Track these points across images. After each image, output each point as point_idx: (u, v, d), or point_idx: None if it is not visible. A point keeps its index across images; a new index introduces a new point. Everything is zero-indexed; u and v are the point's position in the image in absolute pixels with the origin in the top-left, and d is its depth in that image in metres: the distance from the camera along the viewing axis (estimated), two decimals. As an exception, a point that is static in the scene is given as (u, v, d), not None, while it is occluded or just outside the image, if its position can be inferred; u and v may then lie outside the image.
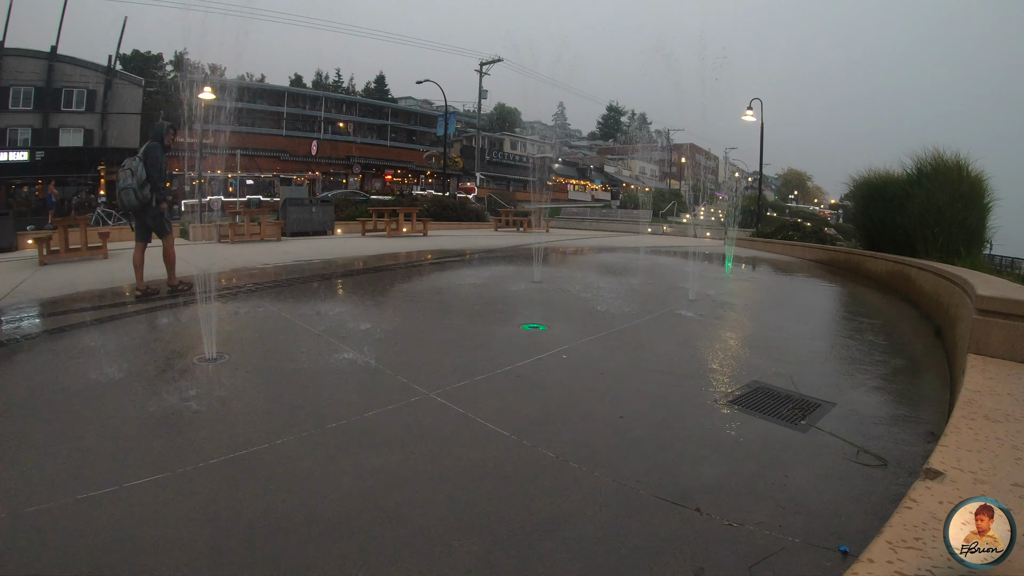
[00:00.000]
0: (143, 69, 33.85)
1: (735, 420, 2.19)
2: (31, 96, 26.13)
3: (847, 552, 1.33)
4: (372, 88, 48.18)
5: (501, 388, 2.49)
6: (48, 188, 22.89)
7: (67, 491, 1.59)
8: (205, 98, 3.22)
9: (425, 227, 13.30)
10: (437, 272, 6.59)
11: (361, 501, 1.56)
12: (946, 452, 1.29)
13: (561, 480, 1.70)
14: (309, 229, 12.73)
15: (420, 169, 39.27)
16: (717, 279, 6.29)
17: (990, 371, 2.02)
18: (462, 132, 44.85)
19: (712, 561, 1.31)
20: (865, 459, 1.84)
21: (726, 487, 1.66)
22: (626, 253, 9.25)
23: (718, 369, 2.88)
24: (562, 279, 5.77)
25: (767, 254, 10.30)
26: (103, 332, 3.51)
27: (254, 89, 37.46)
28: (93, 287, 5.26)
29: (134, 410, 2.21)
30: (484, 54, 35.38)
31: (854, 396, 2.48)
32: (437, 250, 9.09)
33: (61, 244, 7.74)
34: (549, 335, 3.42)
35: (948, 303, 3.60)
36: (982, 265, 5.99)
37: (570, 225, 23.72)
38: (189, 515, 1.49)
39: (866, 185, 8.03)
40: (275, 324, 3.69)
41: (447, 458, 1.83)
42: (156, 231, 4.82)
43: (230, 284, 5.39)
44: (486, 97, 38.09)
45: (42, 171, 24.84)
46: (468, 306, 4.36)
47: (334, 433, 2.00)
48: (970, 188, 6.47)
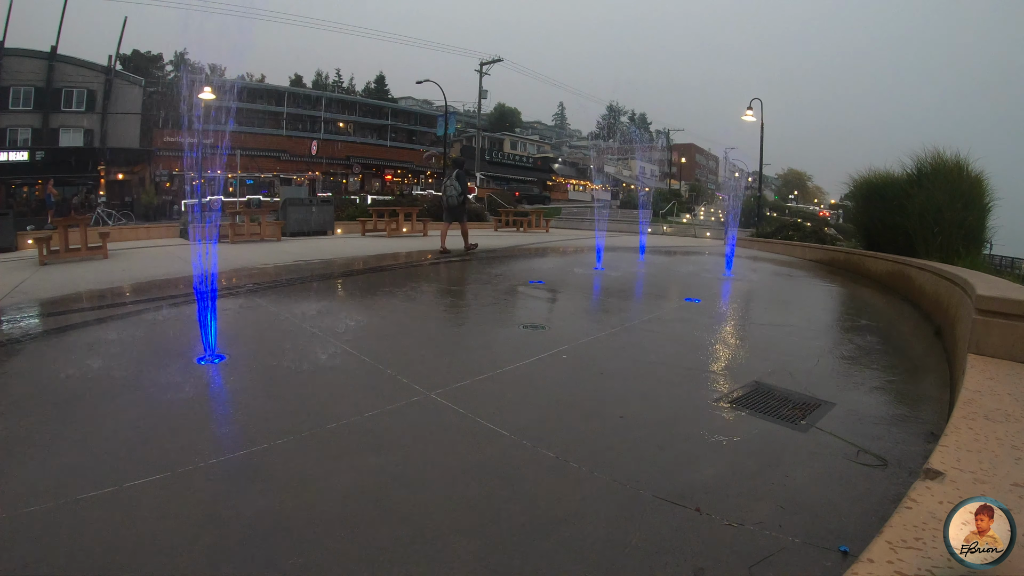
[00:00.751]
0: (143, 69, 33.84)
1: (735, 420, 2.19)
2: (31, 96, 26.12)
3: (847, 552, 1.33)
4: (372, 88, 48.17)
5: (501, 388, 2.49)
6: (48, 188, 22.88)
7: (67, 491, 1.58)
8: (205, 98, 3.24)
9: (425, 227, 13.29)
10: (437, 272, 6.59)
11: (361, 501, 1.56)
12: (946, 452, 1.29)
13: (561, 480, 1.70)
14: (309, 229, 12.73)
15: (420, 169, 39.26)
16: (717, 279, 6.29)
17: (990, 371, 2.02)
18: (462, 132, 44.85)
19: (712, 561, 1.31)
20: (865, 459, 1.84)
21: (726, 487, 1.66)
22: (625, 253, 9.25)
23: (718, 369, 2.88)
24: (562, 279, 5.77)
25: (767, 254, 10.30)
26: (103, 332, 3.51)
27: (254, 89, 37.44)
28: (93, 287, 5.26)
29: (134, 410, 2.21)
30: (484, 54, 35.39)
31: (854, 396, 2.48)
32: (437, 250, 9.08)
33: (61, 244, 7.73)
34: (549, 335, 3.42)
35: (948, 303, 3.60)
36: (982, 265, 6.00)
37: (570, 225, 23.70)
38: (189, 515, 1.49)
39: (866, 185, 8.03)
40: (274, 324, 3.69)
41: (447, 458, 1.83)
42: (459, 220, 8.41)
43: (230, 284, 5.39)
44: (486, 97, 38.08)
45: (42, 171, 24.82)
46: (468, 306, 4.36)
47: (334, 433, 2.00)
48: (970, 188, 6.47)
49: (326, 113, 38.74)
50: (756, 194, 23.53)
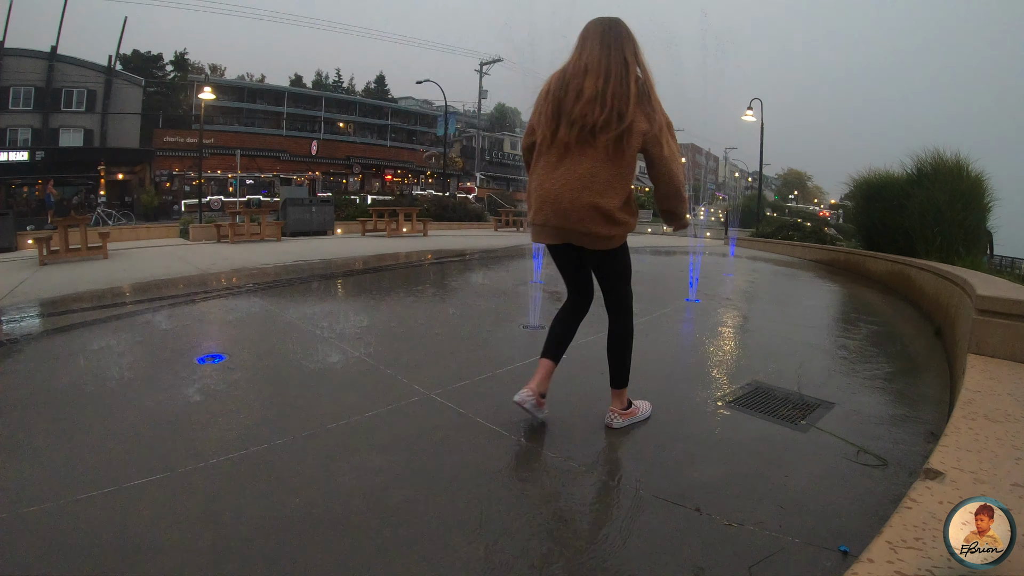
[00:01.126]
0: (143, 69, 33.85)
1: (735, 420, 2.19)
2: (31, 96, 26.13)
3: (847, 552, 1.33)
4: (372, 88, 48.19)
5: (502, 388, 2.49)
6: (48, 188, 22.89)
7: (67, 491, 1.59)
8: (205, 98, 3.24)
9: (425, 227, 13.30)
10: (437, 272, 6.59)
11: (361, 501, 1.56)
12: (946, 452, 1.29)
13: (561, 480, 1.70)
14: (309, 229, 12.73)
15: (420, 169, 39.27)
16: (717, 279, 6.29)
17: (990, 371, 2.02)
18: (462, 132, 44.84)
19: (712, 561, 1.31)
20: (865, 459, 1.84)
21: (726, 487, 1.66)
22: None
23: (718, 369, 2.88)
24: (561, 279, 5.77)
25: (767, 254, 10.30)
26: (103, 332, 3.51)
27: (254, 89, 37.46)
28: (94, 287, 5.26)
29: (134, 409, 2.21)
30: (484, 54, 35.38)
31: (854, 396, 2.48)
32: (437, 250, 9.09)
33: (61, 244, 7.74)
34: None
35: (948, 303, 3.60)
36: (982, 265, 6.00)
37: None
38: (189, 515, 1.49)
39: (866, 185, 8.03)
40: (274, 324, 3.69)
41: (447, 458, 1.83)
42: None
43: (230, 284, 5.39)
44: (486, 97, 38.11)
45: (42, 171, 24.83)
46: (468, 306, 4.36)
47: (334, 433, 2.00)
48: (970, 188, 6.48)
49: (326, 113, 38.76)
50: (756, 194, 23.54)
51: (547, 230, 1.90)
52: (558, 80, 1.87)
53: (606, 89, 1.76)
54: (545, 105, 1.87)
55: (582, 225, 1.80)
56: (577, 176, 1.79)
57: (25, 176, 25.30)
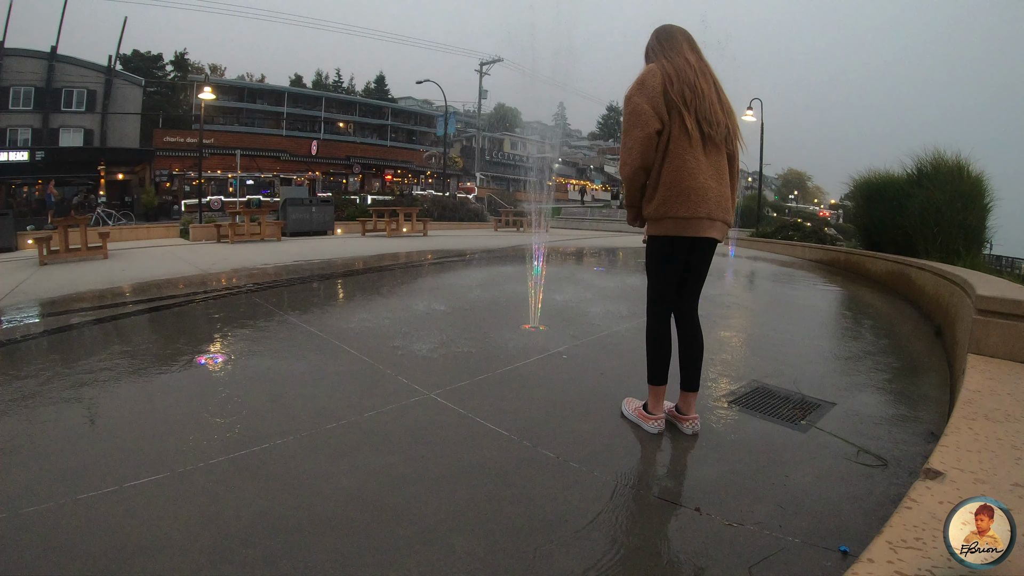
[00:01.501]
0: (143, 69, 33.87)
1: (735, 420, 2.19)
2: (31, 96, 26.14)
3: (847, 552, 1.33)
4: (372, 88, 48.20)
5: (501, 388, 2.49)
6: (48, 188, 22.88)
7: (67, 491, 1.59)
8: (205, 98, 3.24)
9: (425, 227, 13.31)
10: (437, 272, 6.59)
11: (361, 501, 1.56)
12: (946, 452, 1.29)
13: (561, 480, 1.70)
14: (309, 229, 12.74)
15: (420, 169, 39.25)
16: (717, 279, 6.29)
17: (990, 371, 2.02)
18: (462, 132, 44.83)
19: (712, 561, 1.31)
20: (865, 459, 1.84)
21: (726, 487, 1.66)
22: (625, 254, 9.25)
23: (718, 369, 2.88)
24: (562, 279, 5.77)
25: (767, 254, 10.29)
26: (103, 332, 3.51)
27: (254, 89, 37.46)
28: (94, 287, 5.26)
29: (134, 409, 2.21)
30: (484, 54, 35.31)
31: (854, 396, 2.48)
32: (437, 250, 9.10)
33: (61, 244, 7.75)
34: (549, 335, 3.42)
35: (948, 303, 3.60)
36: (982, 265, 6.00)
37: (570, 225, 23.74)
38: (189, 515, 1.49)
39: (866, 185, 8.02)
40: (274, 323, 3.69)
41: (447, 458, 1.83)
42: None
43: (230, 284, 5.40)
44: (486, 97, 38.08)
45: (42, 171, 24.84)
46: (468, 306, 4.36)
47: (334, 433, 2.00)
48: (970, 188, 6.47)
49: (326, 113, 38.76)
50: (756, 194, 23.53)
51: (704, 223, 1.94)
52: (678, 77, 1.90)
53: (724, 99, 1.99)
54: (682, 97, 1.88)
55: (728, 216, 1.98)
56: (719, 171, 1.95)
57: (25, 176, 25.30)
